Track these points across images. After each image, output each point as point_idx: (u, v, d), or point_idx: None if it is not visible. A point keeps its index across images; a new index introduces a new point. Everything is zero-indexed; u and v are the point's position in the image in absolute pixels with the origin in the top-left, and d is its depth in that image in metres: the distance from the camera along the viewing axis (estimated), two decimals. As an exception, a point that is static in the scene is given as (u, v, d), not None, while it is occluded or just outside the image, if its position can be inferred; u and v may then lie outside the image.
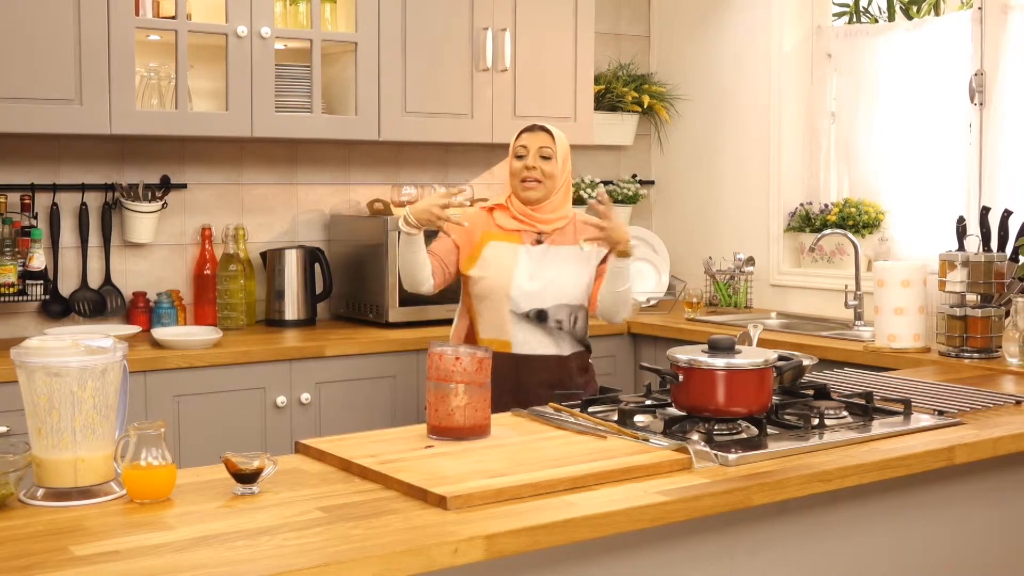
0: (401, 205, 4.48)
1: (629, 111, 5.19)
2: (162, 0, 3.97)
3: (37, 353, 1.99)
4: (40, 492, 1.99)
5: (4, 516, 1.89)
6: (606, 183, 5.23)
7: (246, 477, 2.05)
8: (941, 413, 2.69)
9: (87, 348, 2.00)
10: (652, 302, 4.94)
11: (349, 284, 4.46)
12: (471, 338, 3.49)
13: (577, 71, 4.74)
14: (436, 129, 4.44)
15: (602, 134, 5.05)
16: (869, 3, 4.93)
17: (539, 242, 3.46)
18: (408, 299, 4.22)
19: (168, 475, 2.01)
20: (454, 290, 4.43)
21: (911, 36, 4.53)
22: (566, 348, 3.45)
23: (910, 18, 4.72)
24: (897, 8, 4.78)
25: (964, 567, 2.64)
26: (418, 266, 3.43)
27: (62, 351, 1.99)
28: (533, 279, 3.41)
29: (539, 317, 3.40)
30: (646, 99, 5.17)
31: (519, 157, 3.46)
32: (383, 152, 4.72)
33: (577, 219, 3.52)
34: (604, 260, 3.46)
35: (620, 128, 5.20)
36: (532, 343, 3.41)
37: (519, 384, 3.33)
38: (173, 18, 3.92)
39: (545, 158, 3.45)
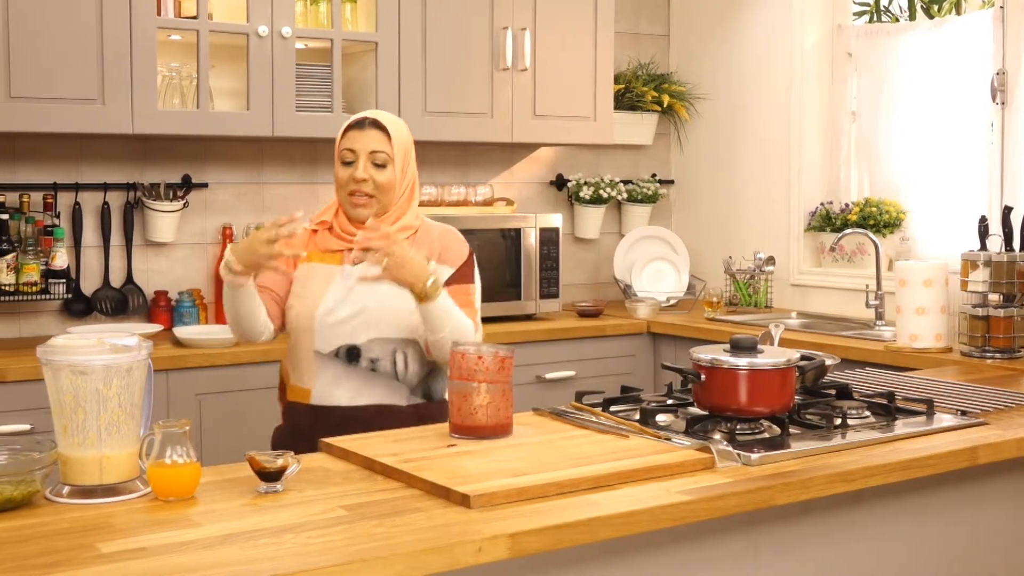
0: (421, 204, 4.47)
1: (649, 110, 5.18)
2: (183, 0, 3.98)
3: (63, 351, 2.00)
4: (66, 490, 2.00)
5: (31, 513, 1.90)
6: (625, 183, 5.23)
7: (270, 475, 2.05)
8: (964, 413, 2.68)
9: (112, 347, 2.01)
10: (672, 302, 4.93)
11: (369, 283, 4.46)
12: (281, 391, 2.87)
13: (597, 71, 4.74)
14: (456, 129, 4.44)
15: (622, 133, 5.05)
16: (890, 2, 4.91)
17: (362, 260, 2.67)
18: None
19: (193, 473, 2.02)
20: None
21: (932, 35, 4.52)
22: (385, 396, 2.73)
23: (931, 17, 4.71)
24: (918, 7, 4.76)
25: (988, 567, 2.63)
26: (251, 316, 2.72)
27: (88, 349, 2.00)
28: (342, 306, 2.71)
29: (349, 355, 2.70)
30: (666, 98, 5.17)
31: (347, 163, 2.73)
32: (403, 151, 4.72)
33: (431, 232, 2.81)
34: (448, 282, 2.72)
35: (640, 127, 5.20)
36: (334, 392, 2.71)
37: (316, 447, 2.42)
38: (194, 18, 3.93)
39: (379, 166, 2.71)
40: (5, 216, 3.83)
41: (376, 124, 2.74)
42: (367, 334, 2.71)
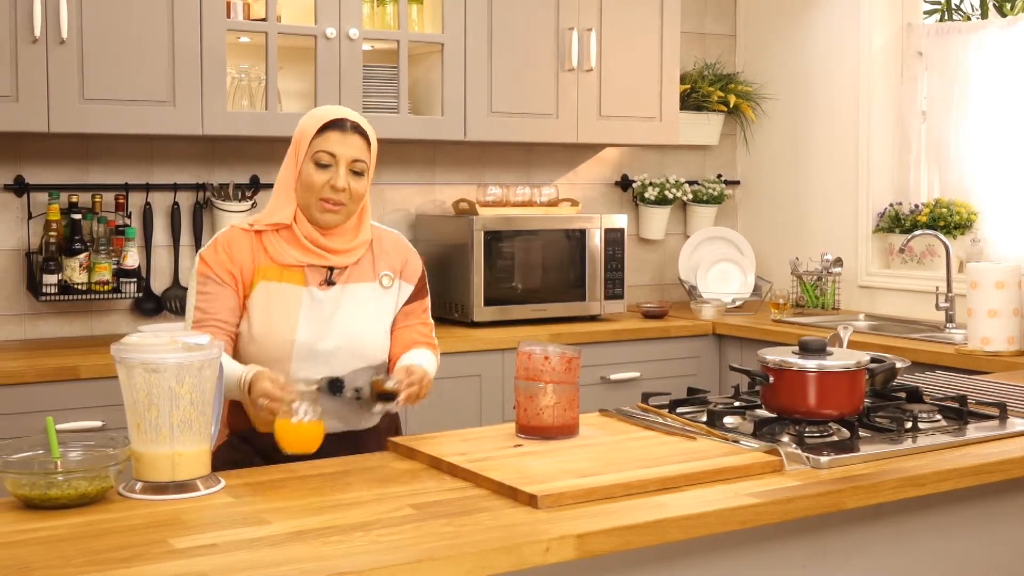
0: (486, 205, 4.49)
1: (715, 111, 5.15)
2: (252, 2, 4.02)
3: (136, 349, 2.03)
4: (138, 486, 2.03)
5: (104, 509, 1.94)
6: (691, 183, 5.20)
7: (387, 396, 2.37)
8: (1038, 417, 2.64)
9: (185, 345, 2.04)
10: (737, 303, 4.90)
11: (434, 283, 4.45)
12: (237, 419, 2.54)
13: (663, 71, 4.72)
14: (521, 129, 4.44)
15: (687, 134, 5.02)
16: (961, 1, 4.85)
17: (330, 283, 2.54)
18: (493, 298, 4.25)
19: (317, 431, 2.24)
20: (535, 287, 4.44)
21: (1004, 34, 4.45)
22: (367, 419, 2.58)
23: (1004, 15, 4.63)
24: (990, 5, 4.69)
25: (1061, 575, 2.58)
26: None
27: (161, 348, 2.03)
28: (320, 338, 2.50)
29: (332, 388, 2.45)
30: (732, 98, 5.14)
31: (322, 166, 2.50)
32: (468, 152, 4.74)
33: (384, 241, 2.66)
34: (409, 300, 2.65)
35: (706, 128, 5.17)
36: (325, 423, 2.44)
37: None
38: (263, 20, 3.97)
39: (356, 174, 2.52)
40: (78, 216, 3.89)
41: (358, 129, 2.53)
42: (350, 364, 2.50)
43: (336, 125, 2.50)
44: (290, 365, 2.48)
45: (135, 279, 3.96)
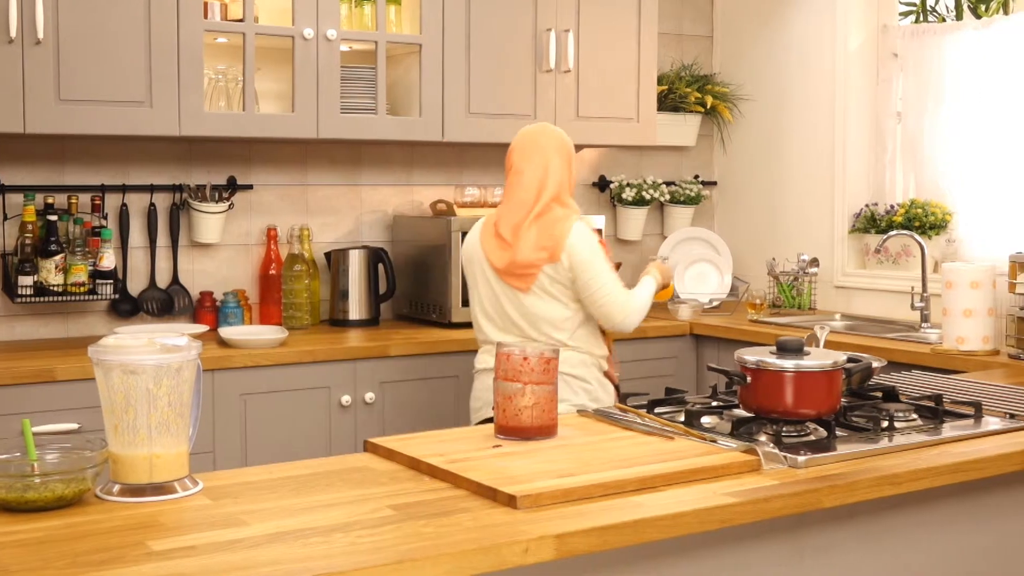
0: (464, 206, 4.49)
1: (692, 111, 5.17)
2: (230, 3, 4.01)
3: (114, 351, 2.02)
4: (116, 488, 2.02)
5: (81, 511, 1.93)
6: (668, 184, 5.22)
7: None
8: (1012, 416, 2.65)
9: (163, 346, 2.03)
10: (715, 303, 4.92)
11: (412, 284, 4.48)
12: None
13: (640, 72, 4.73)
14: (499, 130, 4.44)
15: (665, 135, 5.04)
16: (936, 2, 4.87)
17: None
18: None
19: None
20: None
21: (979, 35, 4.48)
22: None
23: (979, 17, 4.66)
24: (965, 7, 4.72)
25: (1036, 573, 2.60)
26: None
27: (139, 349, 2.02)
28: None
29: None
30: (709, 99, 5.15)
31: None
32: (446, 153, 4.74)
33: None
34: None
35: (683, 129, 5.19)
36: None
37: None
38: (241, 21, 3.96)
39: None
40: (54, 217, 3.88)
41: None
42: None
43: None
44: None
45: (111, 280, 3.95)
